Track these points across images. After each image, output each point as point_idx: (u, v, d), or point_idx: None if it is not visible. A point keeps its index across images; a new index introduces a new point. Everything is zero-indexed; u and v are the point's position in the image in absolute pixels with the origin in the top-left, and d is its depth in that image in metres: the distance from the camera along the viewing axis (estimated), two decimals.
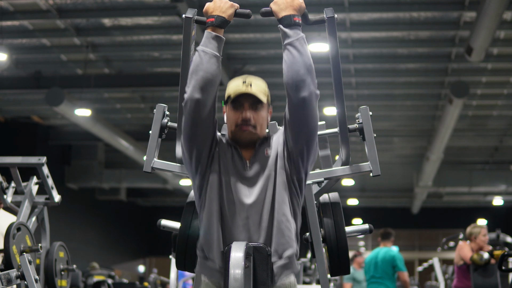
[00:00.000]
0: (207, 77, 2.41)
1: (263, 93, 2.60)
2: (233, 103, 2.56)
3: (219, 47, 2.44)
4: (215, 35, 2.44)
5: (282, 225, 2.43)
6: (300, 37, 2.48)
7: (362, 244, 27.47)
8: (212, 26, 2.45)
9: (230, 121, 2.57)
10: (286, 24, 2.48)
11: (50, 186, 4.51)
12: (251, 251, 2.37)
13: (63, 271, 4.58)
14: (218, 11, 2.45)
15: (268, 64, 11.50)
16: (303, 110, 2.43)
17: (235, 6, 2.50)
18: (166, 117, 3.06)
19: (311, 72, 2.46)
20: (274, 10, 2.49)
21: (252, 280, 2.35)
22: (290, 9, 2.51)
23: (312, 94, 2.44)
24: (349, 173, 3.04)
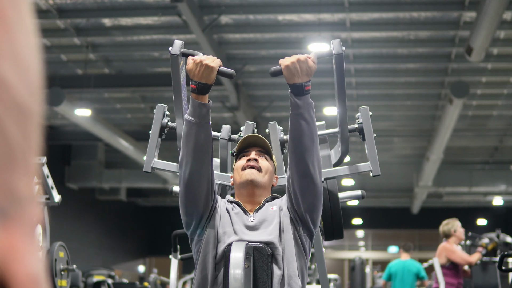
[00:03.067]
0: (197, 147, 2.38)
1: (270, 148, 2.64)
2: (239, 153, 2.59)
3: (205, 114, 2.38)
4: (199, 103, 2.38)
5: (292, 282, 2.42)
6: (310, 106, 2.43)
7: (362, 244, 27.48)
8: (194, 93, 2.38)
9: (237, 169, 2.58)
10: (297, 93, 2.40)
11: (50, 186, 4.51)
12: (251, 251, 2.37)
13: (63, 271, 4.58)
14: (198, 77, 2.36)
15: (268, 64, 11.50)
16: (306, 177, 2.42)
17: (216, 68, 2.38)
18: (166, 117, 3.07)
19: (315, 141, 2.45)
20: (284, 76, 2.42)
21: (252, 280, 2.35)
22: (301, 75, 2.39)
23: (315, 161, 2.43)
24: (349, 173, 3.04)
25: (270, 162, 2.63)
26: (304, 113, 2.40)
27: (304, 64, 2.37)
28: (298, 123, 2.40)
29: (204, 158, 2.40)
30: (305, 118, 2.40)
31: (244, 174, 2.55)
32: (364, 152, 3.00)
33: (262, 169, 2.57)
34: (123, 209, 21.19)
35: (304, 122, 2.40)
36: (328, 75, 12.59)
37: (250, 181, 2.55)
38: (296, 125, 2.40)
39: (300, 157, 2.41)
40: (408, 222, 23.37)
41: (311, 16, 9.59)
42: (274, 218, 2.52)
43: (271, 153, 2.63)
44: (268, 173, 2.59)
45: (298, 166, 2.41)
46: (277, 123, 3.16)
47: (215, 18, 9.39)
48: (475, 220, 22.47)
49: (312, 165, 2.42)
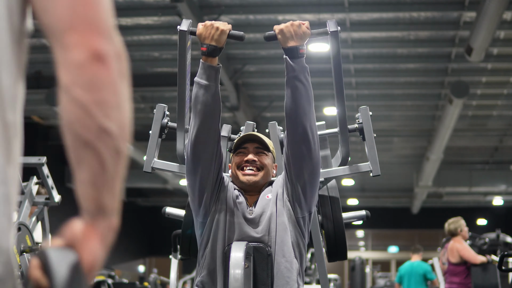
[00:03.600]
0: (205, 110, 2.41)
1: (268, 143, 2.62)
2: (237, 149, 2.59)
3: (214, 76, 2.42)
4: (208, 65, 2.42)
5: (281, 266, 2.43)
6: (305, 69, 2.46)
7: (362, 244, 27.49)
8: (204, 55, 2.42)
9: (234, 166, 2.60)
10: (292, 55, 2.43)
11: (50, 186, 4.51)
12: (251, 251, 2.37)
13: None
14: (209, 39, 2.39)
15: (268, 64, 11.51)
16: (304, 142, 2.43)
17: (227, 31, 2.42)
18: (166, 117, 3.07)
19: (312, 105, 2.47)
20: (279, 40, 2.44)
21: (252, 280, 2.35)
22: (296, 39, 2.42)
23: (312, 126, 2.45)
24: (349, 173, 3.04)
25: (268, 156, 2.61)
26: (299, 75, 2.42)
27: (298, 28, 2.40)
28: (294, 85, 2.41)
29: (212, 120, 2.42)
30: (301, 80, 2.42)
31: (243, 177, 2.56)
32: (364, 152, 3.00)
33: (263, 168, 2.57)
34: (123, 209, 21.14)
35: (300, 84, 2.42)
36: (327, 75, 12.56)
37: (249, 185, 2.56)
38: (293, 88, 2.42)
39: (297, 120, 2.41)
40: (408, 222, 23.38)
41: (311, 16, 9.59)
42: (271, 210, 2.52)
43: (268, 147, 2.62)
44: (267, 169, 2.60)
45: (296, 130, 2.42)
46: (277, 123, 3.16)
47: (215, 18, 9.39)
48: (475, 220, 22.46)
49: (310, 129, 2.42)
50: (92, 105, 0.94)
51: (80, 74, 0.92)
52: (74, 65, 0.92)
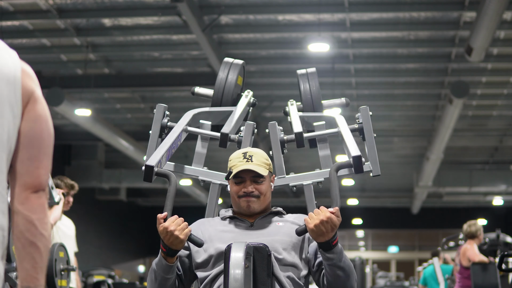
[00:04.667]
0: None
1: (264, 165, 2.60)
2: (235, 178, 2.59)
3: (170, 271, 2.49)
4: (165, 263, 2.48)
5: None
6: (341, 255, 2.42)
7: (362, 244, 27.49)
8: (163, 254, 2.49)
9: (232, 193, 2.62)
10: (326, 248, 2.38)
11: (50, 186, 4.51)
12: (251, 251, 2.37)
13: (63, 271, 4.58)
14: (169, 243, 2.44)
15: (268, 64, 11.50)
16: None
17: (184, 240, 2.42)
18: (166, 117, 3.06)
19: (353, 278, 2.47)
20: (311, 235, 2.39)
21: (252, 280, 2.35)
22: (327, 234, 2.35)
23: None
24: (349, 173, 3.04)
25: (265, 180, 2.61)
26: (337, 263, 2.41)
27: (328, 224, 2.33)
28: (334, 274, 2.42)
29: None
30: (340, 267, 2.41)
31: (242, 205, 2.59)
32: (364, 152, 3.00)
33: (260, 195, 2.58)
34: (123, 209, 21.19)
35: (340, 272, 2.42)
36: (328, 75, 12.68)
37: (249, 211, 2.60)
38: (333, 275, 2.43)
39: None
40: (408, 222, 23.38)
41: (311, 16, 9.59)
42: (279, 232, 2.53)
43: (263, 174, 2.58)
44: (265, 194, 2.61)
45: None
46: (277, 123, 3.15)
47: (215, 18, 9.39)
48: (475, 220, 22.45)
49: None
50: (35, 220, 1.55)
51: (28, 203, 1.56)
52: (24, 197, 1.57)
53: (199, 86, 3.49)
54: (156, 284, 2.49)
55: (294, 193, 16.29)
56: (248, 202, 2.57)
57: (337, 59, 10.69)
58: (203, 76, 11.61)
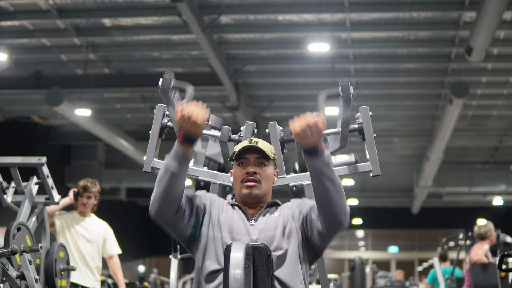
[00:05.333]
0: (165, 195, 2.41)
1: (269, 151, 2.60)
2: (238, 160, 2.58)
3: (184, 165, 2.40)
4: (181, 154, 2.39)
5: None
6: (328, 164, 2.40)
7: (362, 244, 27.49)
8: (180, 142, 2.39)
9: (236, 178, 2.59)
10: (311, 154, 2.38)
11: (50, 186, 4.51)
12: (251, 251, 2.37)
13: (63, 271, 4.58)
14: (186, 130, 2.36)
15: (268, 64, 11.50)
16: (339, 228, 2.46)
17: (203, 125, 2.37)
18: (166, 117, 3.06)
19: (343, 194, 2.44)
20: (296, 141, 2.40)
21: (252, 280, 2.35)
22: (312, 137, 2.36)
23: (347, 210, 2.45)
24: (349, 173, 3.04)
25: (269, 166, 2.61)
26: (325, 172, 2.39)
27: (313, 128, 2.35)
28: (322, 184, 2.39)
29: (170, 206, 2.43)
30: (328, 177, 2.39)
31: (244, 189, 2.56)
32: (364, 152, 3.00)
33: (262, 180, 2.56)
34: (123, 209, 21.18)
35: (327, 181, 2.39)
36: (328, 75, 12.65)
37: (250, 197, 2.57)
38: (321, 186, 2.40)
39: (331, 212, 2.42)
40: (408, 222, 23.37)
41: (311, 16, 9.59)
42: (278, 226, 2.52)
43: (269, 156, 2.59)
44: (268, 180, 2.59)
45: (331, 220, 2.43)
46: (277, 123, 3.15)
47: (215, 18, 9.39)
48: (475, 220, 22.40)
49: (345, 215, 2.44)
50: None
51: None
52: None
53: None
54: (166, 176, 2.39)
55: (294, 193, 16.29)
56: (250, 188, 2.55)
57: (337, 59, 10.69)
58: (203, 76, 11.61)
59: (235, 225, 2.51)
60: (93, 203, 5.33)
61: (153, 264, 24.07)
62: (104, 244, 5.33)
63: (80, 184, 5.27)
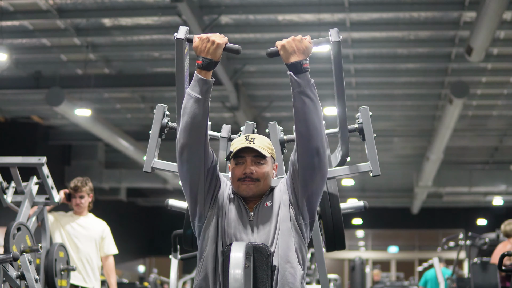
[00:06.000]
0: (191, 121, 2.43)
1: (266, 148, 2.59)
2: (235, 159, 2.58)
3: (206, 90, 2.42)
4: (201, 79, 2.42)
5: (286, 272, 2.44)
6: (311, 84, 2.44)
7: (362, 244, 27.48)
8: (199, 68, 2.42)
9: (233, 177, 2.59)
10: (296, 71, 2.41)
11: (50, 186, 4.51)
12: (251, 251, 2.37)
13: (63, 271, 4.58)
14: (205, 53, 2.40)
15: (268, 64, 11.50)
16: (317, 157, 2.44)
17: (223, 44, 2.42)
18: (166, 117, 3.06)
19: (322, 119, 2.46)
20: (281, 56, 2.44)
21: (252, 280, 2.35)
22: (298, 54, 2.42)
23: (323, 139, 2.45)
24: (349, 173, 3.04)
25: (267, 163, 2.60)
26: (306, 90, 2.41)
27: (299, 43, 2.40)
28: (302, 101, 2.40)
29: (198, 132, 2.43)
30: (308, 95, 2.40)
31: (242, 188, 2.56)
32: (364, 152, 3.00)
33: (260, 179, 2.56)
34: (123, 209, 21.17)
35: (308, 99, 2.40)
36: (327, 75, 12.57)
37: (248, 195, 2.58)
38: (301, 103, 2.40)
39: (308, 135, 2.41)
40: (408, 222, 23.36)
41: (311, 16, 9.59)
42: (272, 218, 2.52)
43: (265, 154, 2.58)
44: (266, 177, 2.59)
45: (308, 146, 2.42)
46: (277, 123, 3.15)
47: (215, 18, 9.39)
48: (475, 220, 22.45)
49: (321, 143, 2.43)
50: None
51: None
52: None
53: None
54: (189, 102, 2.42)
55: None
56: (248, 187, 2.55)
57: None
58: None
59: (236, 222, 2.51)
60: (87, 202, 5.28)
61: (153, 264, 24.07)
62: (101, 243, 5.31)
63: (71, 185, 5.23)
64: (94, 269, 5.22)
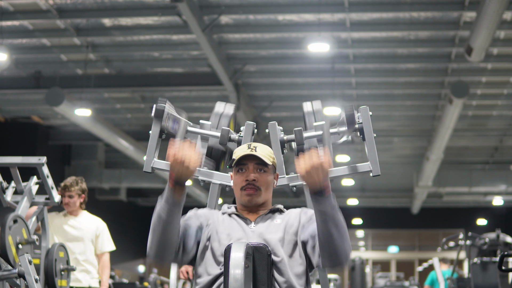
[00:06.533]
0: (162, 242, 2.41)
1: (268, 157, 2.59)
2: (238, 166, 2.57)
3: (178, 204, 2.37)
4: (172, 195, 2.36)
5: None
6: (333, 205, 2.38)
7: (362, 244, 27.49)
8: (171, 183, 2.36)
9: (236, 185, 2.59)
10: (318, 196, 2.35)
11: (50, 186, 4.50)
12: (251, 251, 2.37)
13: (63, 271, 4.58)
14: (178, 172, 2.33)
15: (268, 64, 11.50)
16: (339, 267, 2.46)
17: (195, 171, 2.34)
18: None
19: (347, 239, 2.43)
20: (303, 180, 2.36)
21: (252, 280, 2.35)
22: (319, 178, 2.33)
23: (348, 256, 2.44)
24: (349, 173, 3.04)
25: (269, 171, 2.61)
26: (329, 215, 2.36)
27: (319, 171, 2.31)
28: (327, 227, 2.37)
29: (168, 250, 2.42)
30: (333, 221, 2.36)
31: (244, 197, 2.56)
32: (364, 152, 3.00)
33: (262, 187, 2.56)
34: (123, 209, 21.18)
35: (333, 226, 2.36)
36: (328, 75, 12.63)
37: (251, 204, 2.58)
38: (325, 230, 2.37)
39: (332, 254, 2.41)
40: (408, 222, 23.37)
41: (311, 16, 9.59)
42: (279, 230, 2.52)
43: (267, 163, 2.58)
44: (268, 187, 2.59)
45: (332, 260, 2.42)
46: (277, 123, 3.15)
47: (215, 18, 9.39)
48: (475, 220, 22.46)
49: (345, 258, 2.43)
50: None
51: None
52: None
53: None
54: (159, 225, 2.37)
55: (294, 193, 16.28)
56: (251, 195, 2.55)
57: (337, 59, 10.69)
58: (203, 76, 11.61)
59: (235, 232, 2.51)
60: (77, 202, 5.25)
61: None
62: (96, 241, 5.28)
63: (61, 184, 5.23)
64: (88, 269, 5.19)
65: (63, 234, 5.18)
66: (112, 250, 5.34)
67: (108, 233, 5.36)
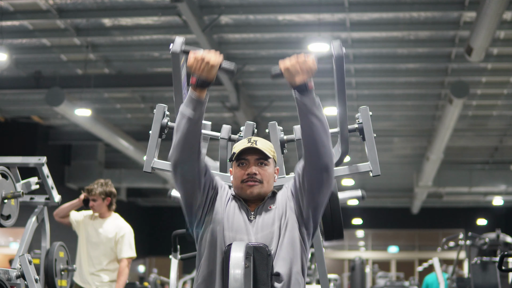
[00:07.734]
0: (183, 140, 2.42)
1: (269, 150, 2.60)
2: (238, 160, 2.58)
3: (199, 109, 2.41)
4: (195, 99, 2.41)
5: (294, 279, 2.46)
6: (317, 103, 2.44)
7: (362, 244, 27.48)
8: (193, 87, 2.41)
9: (236, 178, 2.59)
10: (301, 92, 2.41)
11: (50, 186, 4.50)
12: (251, 251, 2.37)
13: (63, 271, 4.58)
14: (199, 72, 2.37)
15: (268, 64, 11.49)
16: (326, 173, 2.46)
17: (217, 66, 2.39)
18: (166, 117, 3.06)
19: (329, 135, 2.48)
20: (286, 77, 2.43)
21: (252, 280, 2.35)
22: (302, 74, 2.40)
23: (331, 155, 2.47)
24: (349, 173, 3.04)
25: (269, 165, 2.61)
26: (313, 110, 2.41)
27: (303, 64, 2.38)
28: (309, 121, 2.41)
29: (189, 152, 2.43)
30: (315, 115, 2.42)
31: (245, 190, 2.56)
32: (364, 152, 3.00)
33: (263, 180, 2.56)
34: (123, 209, 21.14)
35: (315, 119, 2.42)
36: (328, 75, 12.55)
37: (252, 196, 2.58)
38: (308, 124, 2.42)
39: (318, 154, 2.43)
40: (408, 222, 23.37)
41: (311, 16, 9.59)
42: (275, 220, 2.52)
43: (268, 155, 2.59)
44: (268, 179, 2.60)
45: (317, 163, 2.44)
46: (277, 123, 3.15)
47: (215, 18, 9.39)
48: (475, 220, 22.46)
49: (330, 159, 2.45)
50: None
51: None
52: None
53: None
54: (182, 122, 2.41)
55: None
56: (251, 188, 2.55)
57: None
58: None
59: (236, 223, 2.51)
60: (101, 205, 5.28)
61: (153, 264, 24.07)
62: (115, 246, 5.28)
63: (86, 187, 5.29)
64: (100, 272, 5.19)
65: (86, 236, 5.24)
66: (131, 257, 5.31)
67: (130, 239, 5.36)
